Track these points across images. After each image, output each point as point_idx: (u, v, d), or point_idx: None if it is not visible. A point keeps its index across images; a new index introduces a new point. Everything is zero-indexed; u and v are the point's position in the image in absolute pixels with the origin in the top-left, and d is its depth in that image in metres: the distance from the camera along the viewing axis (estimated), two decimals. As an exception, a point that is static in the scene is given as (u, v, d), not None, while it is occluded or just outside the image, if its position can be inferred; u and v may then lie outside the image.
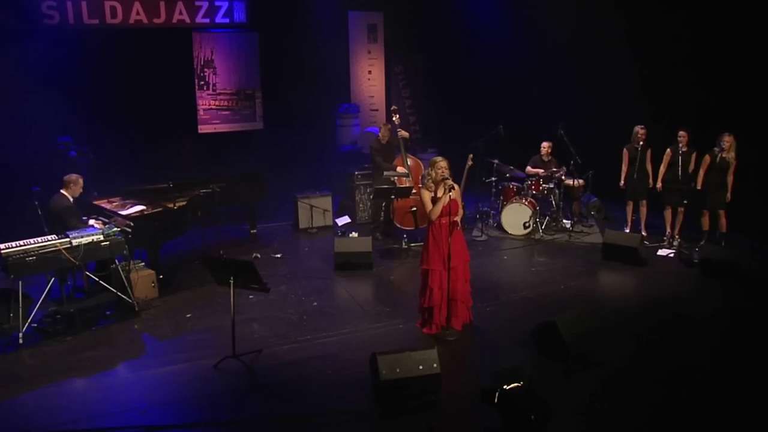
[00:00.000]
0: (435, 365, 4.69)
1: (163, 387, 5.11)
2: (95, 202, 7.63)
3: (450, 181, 5.56)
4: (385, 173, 8.52)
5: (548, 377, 5.14)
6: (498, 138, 9.11)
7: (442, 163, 5.63)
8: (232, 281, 5.18)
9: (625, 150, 8.51)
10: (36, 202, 6.99)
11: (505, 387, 3.90)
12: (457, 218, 5.74)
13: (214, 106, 11.32)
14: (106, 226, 6.56)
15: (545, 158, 9.29)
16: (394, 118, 8.80)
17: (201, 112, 11.24)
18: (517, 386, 3.93)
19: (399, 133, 8.68)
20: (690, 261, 7.70)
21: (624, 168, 8.54)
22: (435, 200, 5.66)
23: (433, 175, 5.67)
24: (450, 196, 5.57)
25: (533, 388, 4.11)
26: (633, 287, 7.27)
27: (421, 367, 4.66)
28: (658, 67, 9.74)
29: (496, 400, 3.95)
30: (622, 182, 8.58)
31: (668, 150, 8.23)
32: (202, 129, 11.28)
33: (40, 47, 9.51)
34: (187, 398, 4.93)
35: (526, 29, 11.14)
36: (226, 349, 5.49)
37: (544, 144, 9.26)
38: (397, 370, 4.63)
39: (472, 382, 5.00)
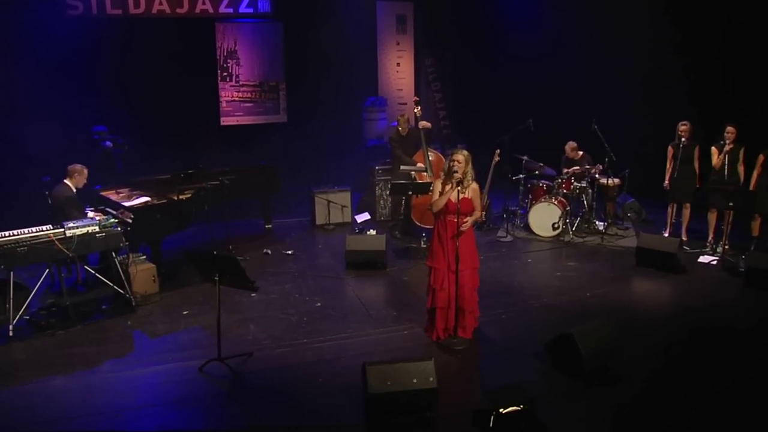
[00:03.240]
0: (431, 379, 4.22)
1: (143, 389, 4.80)
2: (102, 193, 7.44)
3: (458, 176, 5.06)
4: (402, 167, 8.06)
5: (563, 395, 4.62)
6: (528, 132, 8.53)
7: (458, 156, 5.11)
8: (217, 278, 4.81)
9: (669, 147, 7.81)
10: (46, 192, 6.85)
11: (501, 410, 3.39)
12: (468, 220, 5.18)
13: (237, 98, 11.08)
14: (105, 217, 6.32)
15: (574, 157, 8.65)
16: (415, 110, 8.35)
17: (224, 104, 11.01)
18: (516, 410, 3.41)
19: (421, 124, 8.23)
20: (735, 269, 6.98)
21: (668, 166, 7.84)
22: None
23: (445, 166, 5.19)
24: (461, 192, 5.07)
25: (535, 413, 3.59)
26: (667, 296, 6.60)
27: (415, 381, 4.20)
28: (704, 59, 8.98)
29: (491, 425, 3.44)
30: (666, 181, 7.88)
31: (714, 147, 7.51)
32: (225, 121, 11.06)
33: (63, 38, 9.44)
34: (165, 402, 4.61)
35: (562, 20, 10.50)
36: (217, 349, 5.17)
37: (566, 147, 8.66)
38: (388, 383, 4.18)
39: (473, 399, 4.48)
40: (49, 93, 9.37)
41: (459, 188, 5.04)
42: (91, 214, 6.68)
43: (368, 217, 9.21)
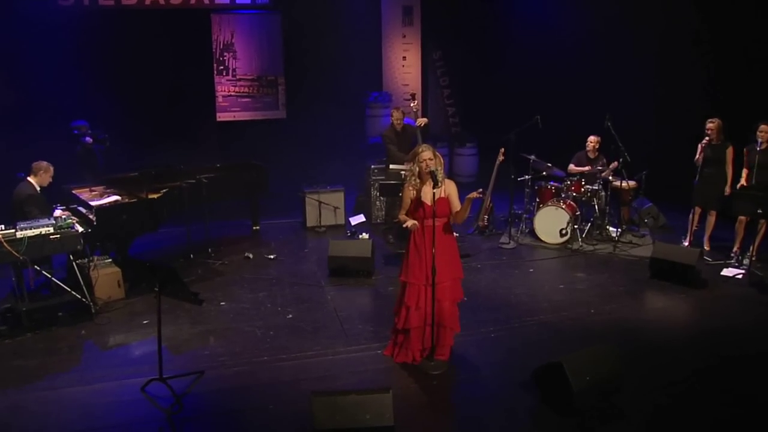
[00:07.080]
0: (387, 415, 3.60)
1: (74, 411, 4.29)
2: (74, 191, 7.00)
3: (440, 174, 4.45)
4: (391, 166, 7.46)
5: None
6: (536, 130, 7.82)
7: (426, 153, 4.52)
8: (157, 290, 4.27)
9: (699, 145, 7.00)
10: (17, 190, 6.43)
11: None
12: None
13: (233, 93, 10.59)
14: (62, 217, 5.85)
15: (591, 155, 7.92)
16: (412, 104, 7.74)
17: (220, 99, 10.53)
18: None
19: (418, 121, 7.63)
20: (763, 284, 6.19)
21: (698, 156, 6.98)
22: (418, 202, 4.56)
23: (417, 169, 4.56)
24: (439, 193, 4.46)
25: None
26: (683, 315, 5.85)
27: (368, 416, 3.60)
28: (732, 52, 8.15)
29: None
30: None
31: (745, 149, 6.72)
32: (221, 117, 10.58)
33: (54, 29, 9.07)
34: (93, 428, 4.09)
35: (576, 11, 9.76)
36: (171, 365, 4.69)
37: (591, 138, 7.88)
38: (337, 418, 3.58)
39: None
40: (39, 86, 9.03)
41: (435, 189, 4.43)
42: (58, 213, 6.22)
43: (363, 219, 8.63)
